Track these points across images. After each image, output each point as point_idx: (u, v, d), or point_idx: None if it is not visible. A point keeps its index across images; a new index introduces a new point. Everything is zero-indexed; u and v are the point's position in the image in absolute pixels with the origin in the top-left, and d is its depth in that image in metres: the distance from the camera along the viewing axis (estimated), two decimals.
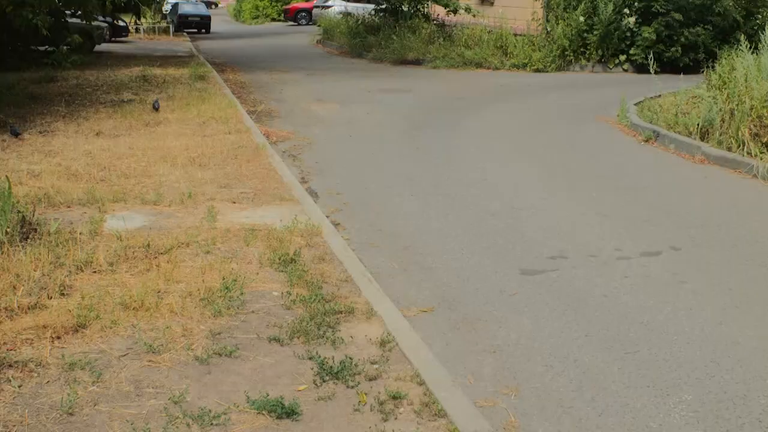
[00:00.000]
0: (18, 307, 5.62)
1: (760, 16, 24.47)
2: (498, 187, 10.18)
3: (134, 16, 35.40)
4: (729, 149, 11.68)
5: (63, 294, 5.94)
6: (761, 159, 10.94)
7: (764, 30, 14.32)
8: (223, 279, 6.24)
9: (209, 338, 5.38)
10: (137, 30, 39.21)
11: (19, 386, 4.70)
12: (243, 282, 6.26)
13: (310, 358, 5.13)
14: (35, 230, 7.14)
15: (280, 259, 6.82)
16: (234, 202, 8.69)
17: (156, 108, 14.50)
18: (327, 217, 8.44)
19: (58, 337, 5.28)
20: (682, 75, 17.71)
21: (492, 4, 30.24)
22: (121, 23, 35.18)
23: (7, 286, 5.94)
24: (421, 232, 8.30)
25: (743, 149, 11.44)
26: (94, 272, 6.44)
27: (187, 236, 7.35)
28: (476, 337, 5.83)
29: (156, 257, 6.81)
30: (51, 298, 5.85)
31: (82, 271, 6.43)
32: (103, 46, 29.59)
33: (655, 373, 5.29)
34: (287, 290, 6.20)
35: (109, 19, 31.75)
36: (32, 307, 5.67)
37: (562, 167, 11.45)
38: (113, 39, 33.41)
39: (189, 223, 7.84)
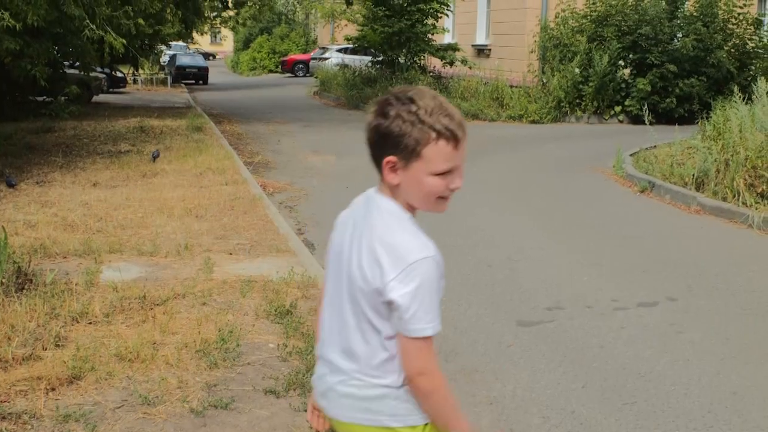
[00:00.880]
0: (12, 358, 5.59)
1: (753, 68, 24.71)
2: (494, 237, 10.18)
3: (132, 68, 35.62)
4: (724, 199, 11.72)
5: (58, 345, 5.91)
6: (756, 209, 10.97)
7: (757, 81, 14.44)
8: (219, 331, 6.22)
9: (205, 390, 5.35)
10: (135, 81, 39.49)
11: None
12: (239, 334, 6.24)
13: (306, 411, 5.08)
14: (31, 281, 7.11)
15: (276, 310, 6.80)
16: (230, 254, 8.68)
17: (155, 158, 14.56)
18: (323, 268, 8.42)
19: (53, 389, 5.24)
20: (677, 126, 17.78)
21: (488, 56, 30.49)
22: (119, 74, 35.44)
23: (2, 337, 5.91)
24: None
25: (738, 199, 11.48)
26: (90, 323, 6.41)
27: (183, 287, 7.33)
28: (473, 389, 5.80)
29: (152, 308, 6.79)
30: (46, 349, 5.82)
31: (78, 322, 6.40)
32: (101, 97, 29.75)
33: (653, 424, 5.26)
34: (283, 342, 6.18)
35: (107, 70, 31.98)
36: (27, 358, 5.64)
37: (559, 218, 11.47)
38: (111, 90, 33.61)
39: (185, 274, 7.83)
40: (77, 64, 21.65)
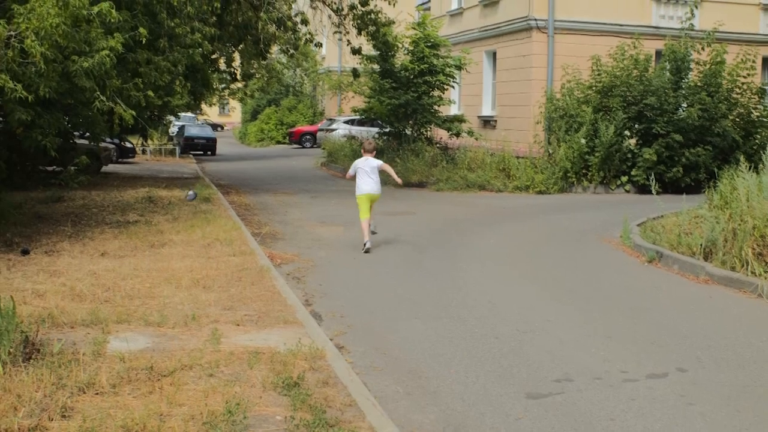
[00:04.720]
0: (18, 428, 5.56)
1: (758, 136, 24.85)
2: (502, 309, 10.14)
3: (141, 138, 35.88)
4: (733, 269, 11.70)
5: (64, 416, 5.88)
6: (765, 278, 10.94)
7: (764, 150, 14.49)
8: (226, 402, 6.18)
9: None
10: (144, 151, 39.78)
11: None
12: (246, 406, 6.20)
13: None
14: (38, 351, 7.10)
15: (283, 382, 6.76)
16: (238, 325, 8.66)
17: (191, 199, 15.30)
18: (331, 339, 8.40)
19: None
20: (684, 195, 17.82)
21: (494, 127, 30.69)
22: (128, 145, 35.70)
23: (8, 407, 5.88)
24: (426, 355, 8.25)
25: (747, 269, 11.46)
26: (96, 394, 6.38)
27: (190, 359, 7.31)
28: None
29: (159, 379, 6.76)
30: (52, 419, 5.78)
31: (84, 392, 6.37)
32: (110, 167, 29.96)
33: None
34: (291, 414, 6.13)
35: (116, 140, 32.20)
36: (33, 429, 5.60)
37: (566, 288, 11.45)
38: (120, 160, 33.87)
39: (192, 345, 7.80)
40: (87, 134, 21.77)
